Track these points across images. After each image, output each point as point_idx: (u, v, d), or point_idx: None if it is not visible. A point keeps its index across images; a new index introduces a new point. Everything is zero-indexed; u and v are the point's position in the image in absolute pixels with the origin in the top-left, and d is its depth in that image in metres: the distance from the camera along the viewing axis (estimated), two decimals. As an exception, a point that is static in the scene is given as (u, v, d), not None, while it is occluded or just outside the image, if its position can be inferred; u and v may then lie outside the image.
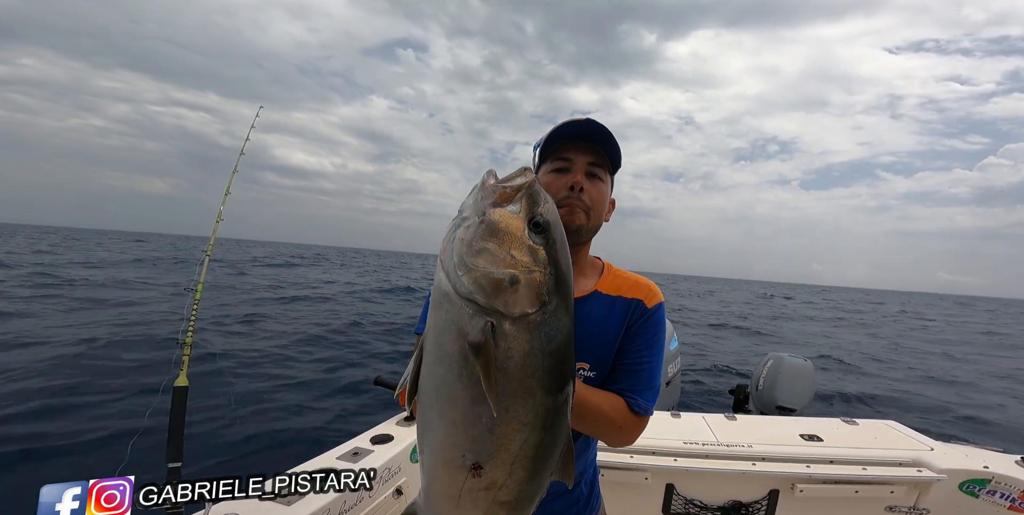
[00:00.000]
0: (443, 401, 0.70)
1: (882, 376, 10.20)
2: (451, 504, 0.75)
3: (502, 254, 0.67)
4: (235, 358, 7.48)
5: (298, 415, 6.18)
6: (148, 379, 6.23)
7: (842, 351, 13.23)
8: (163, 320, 9.87)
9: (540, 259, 0.69)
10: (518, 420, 0.69)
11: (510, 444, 0.70)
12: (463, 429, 0.70)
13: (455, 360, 0.67)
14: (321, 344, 9.20)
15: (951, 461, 2.18)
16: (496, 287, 0.66)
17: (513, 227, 0.69)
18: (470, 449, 0.70)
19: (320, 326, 10.73)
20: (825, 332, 18.88)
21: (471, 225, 0.69)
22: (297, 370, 7.49)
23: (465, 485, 0.72)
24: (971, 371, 11.81)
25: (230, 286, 17.91)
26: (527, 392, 0.68)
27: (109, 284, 16.20)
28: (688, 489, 2.28)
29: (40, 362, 6.47)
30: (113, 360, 6.89)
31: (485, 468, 0.71)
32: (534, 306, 0.68)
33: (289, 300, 15.36)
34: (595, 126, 1.00)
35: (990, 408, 7.91)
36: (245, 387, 6.75)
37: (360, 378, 7.32)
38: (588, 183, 1.02)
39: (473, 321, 0.66)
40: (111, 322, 9.48)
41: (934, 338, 18.97)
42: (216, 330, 9.59)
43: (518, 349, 0.67)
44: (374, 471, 1.06)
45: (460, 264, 0.67)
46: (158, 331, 8.70)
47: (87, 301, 11.99)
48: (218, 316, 10.87)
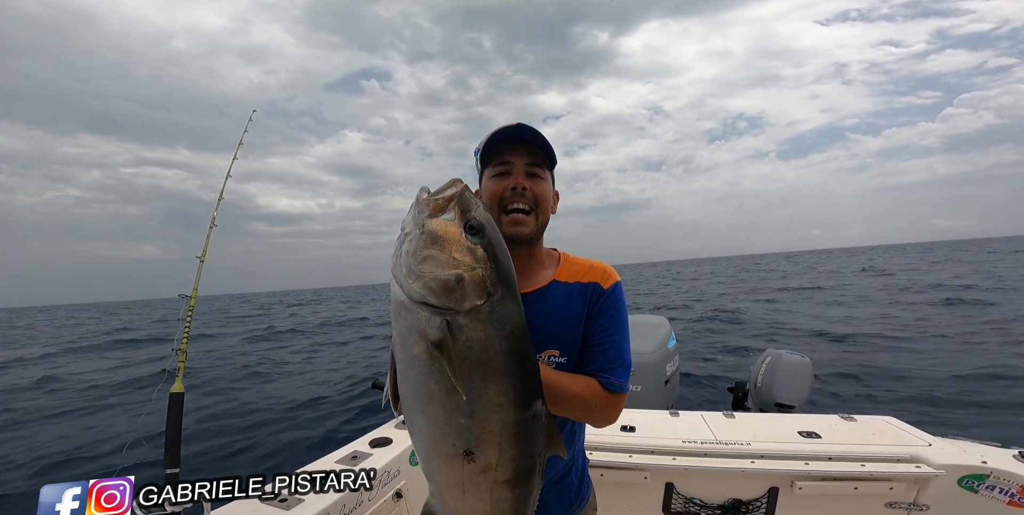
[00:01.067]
0: (422, 400, 0.77)
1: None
2: (458, 493, 0.81)
3: (445, 258, 0.75)
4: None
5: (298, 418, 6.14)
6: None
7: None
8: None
9: (479, 257, 0.77)
10: (492, 402, 0.76)
11: (491, 425, 0.77)
12: (446, 421, 0.76)
13: (423, 360, 0.74)
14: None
15: (949, 456, 2.18)
16: (445, 287, 0.73)
17: (451, 233, 0.76)
18: (458, 437, 0.77)
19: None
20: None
21: (413, 238, 0.77)
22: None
23: (464, 472, 0.79)
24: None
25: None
26: (493, 375, 0.76)
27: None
28: (688, 488, 2.28)
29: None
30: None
31: (476, 453, 0.78)
32: (481, 298, 0.75)
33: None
34: (527, 129, 1.08)
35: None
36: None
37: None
38: (530, 182, 1.10)
39: (430, 322, 0.74)
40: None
41: (826, 299, 18.87)
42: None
43: (476, 338, 0.75)
44: (374, 471, 1.06)
45: (409, 273, 0.75)
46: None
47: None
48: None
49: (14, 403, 8.21)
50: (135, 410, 6.63)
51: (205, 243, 2.46)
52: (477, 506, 0.82)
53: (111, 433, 5.56)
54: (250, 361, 11.62)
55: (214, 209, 2.58)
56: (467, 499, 0.81)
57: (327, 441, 5.22)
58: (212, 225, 2.52)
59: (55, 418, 6.85)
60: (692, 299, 21.86)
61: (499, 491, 0.81)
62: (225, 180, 2.59)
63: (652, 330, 4.21)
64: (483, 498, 0.81)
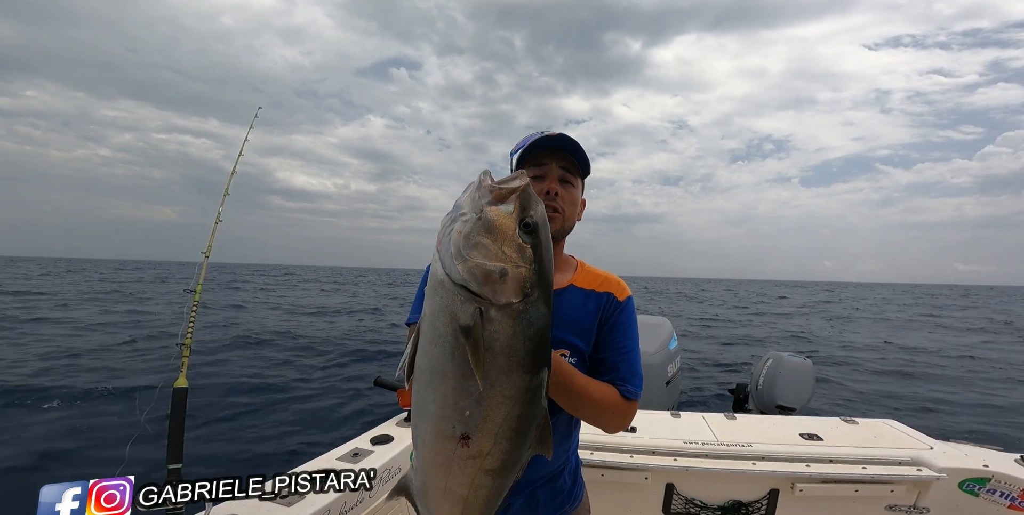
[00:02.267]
0: (436, 377, 0.78)
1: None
2: (442, 472, 0.83)
3: (495, 249, 0.75)
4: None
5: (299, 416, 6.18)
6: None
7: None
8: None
9: (527, 256, 0.77)
10: (502, 394, 0.78)
11: (495, 416, 0.79)
12: (453, 403, 0.78)
13: (447, 341, 0.76)
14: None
15: (951, 460, 2.18)
16: (487, 277, 0.74)
17: (506, 226, 0.76)
18: (459, 421, 0.79)
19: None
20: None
21: (468, 220, 0.76)
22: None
23: (455, 454, 0.81)
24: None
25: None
26: (510, 370, 0.77)
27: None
28: (688, 489, 2.28)
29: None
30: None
31: (473, 438, 0.80)
32: (518, 296, 0.76)
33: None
34: (569, 139, 1.14)
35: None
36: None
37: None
38: (561, 188, 1.15)
39: (464, 306, 0.74)
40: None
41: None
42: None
43: (503, 333, 0.76)
44: (374, 471, 1.06)
45: (456, 254, 0.74)
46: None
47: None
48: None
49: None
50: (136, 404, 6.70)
51: (210, 239, 2.46)
52: (456, 489, 0.84)
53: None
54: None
55: (219, 205, 2.58)
56: (449, 480, 0.84)
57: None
58: (217, 221, 2.52)
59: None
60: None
61: (481, 478, 0.84)
62: (229, 179, 2.58)
63: (654, 330, 4.20)
64: (464, 482, 0.84)
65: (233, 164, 2.64)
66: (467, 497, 0.85)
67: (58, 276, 44.91)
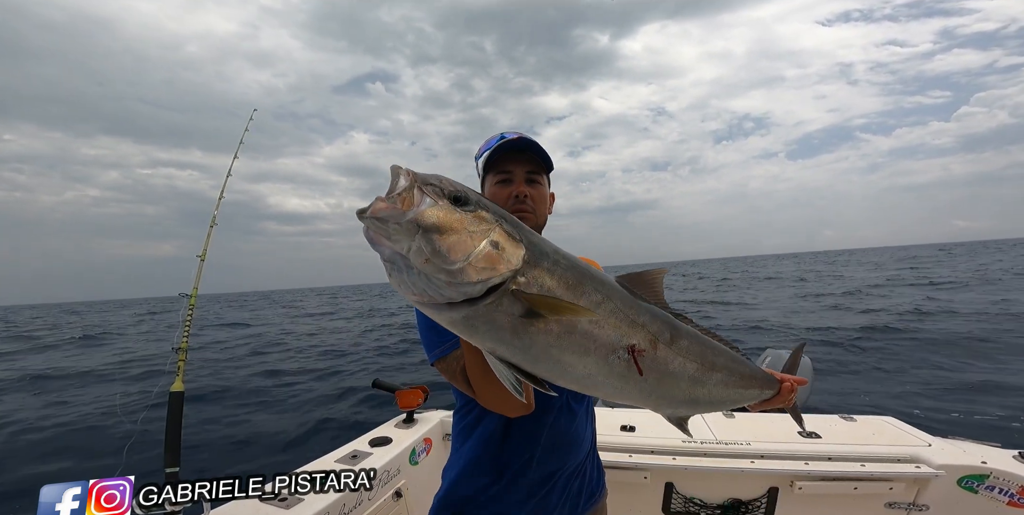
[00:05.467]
0: (575, 348, 0.77)
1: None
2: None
3: (465, 237, 0.69)
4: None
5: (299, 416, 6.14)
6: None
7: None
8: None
9: (489, 218, 0.74)
10: (606, 307, 0.80)
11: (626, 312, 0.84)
12: (603, 342, 0.79)
13: (534, 330, 0.73)
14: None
15: (949, 457, 2.18)
16: (491, 258, 0.70)
17: (446, 215, 0.70)
18: (624, 337, 0.82)
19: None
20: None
21: (416, 248, 0.67)
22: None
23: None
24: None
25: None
26: (574, 288, 0.77)
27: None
28: (688, 488, 2.28)
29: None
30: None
31: (638, 344, 0.84)
32: (521, 248, 0.74)
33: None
34: (527, 141, 1.18)
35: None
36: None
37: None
38: (529, 189, 1.19)
39: (503, 303, 0.70)
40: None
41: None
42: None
43: (548, 284, 0.74)
44: (374, 471, 1.06)
45: (449, 276, 0.67)
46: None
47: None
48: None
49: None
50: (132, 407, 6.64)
51: (206, 242, 2.46)
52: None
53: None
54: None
55: (215, 207, 2.58)
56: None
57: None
58: (212, 224, 2.52)
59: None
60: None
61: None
62: (226, 179, 2.59)
63: None
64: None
65: (219, 193, 2.63)
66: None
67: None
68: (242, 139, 2.85)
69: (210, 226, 2.50)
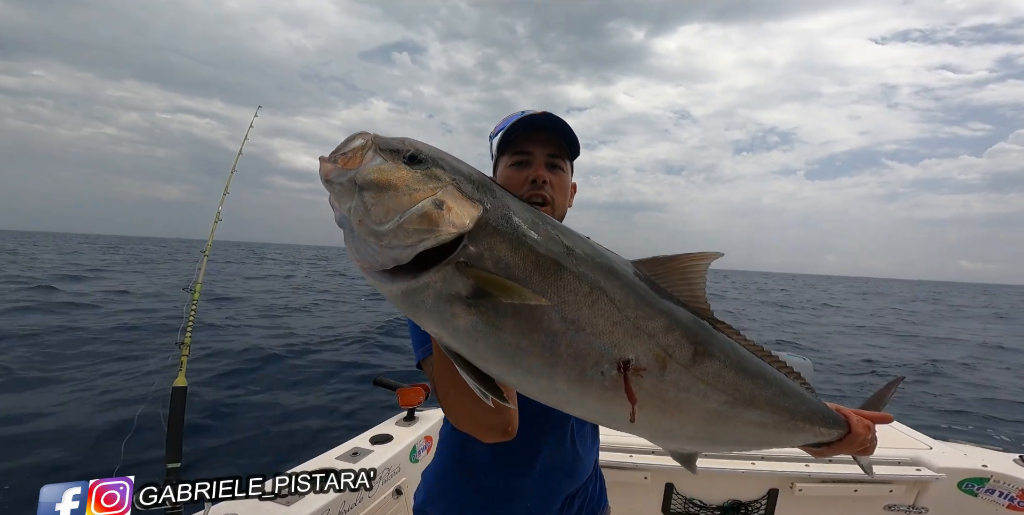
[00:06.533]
0: (519, 355, 0.61)
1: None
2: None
3: (403, 195, 0.59)
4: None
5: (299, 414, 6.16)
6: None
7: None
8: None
9: (443, 177, 0.61)
10: (577, 292, 0.62)
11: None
12: (565, 345, 0.62)
13: (481, 323, 0.58)
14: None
15: (950, 460, 2.18)
16: (428, 218, 0.57)
17: (388, 170, 0.60)
18: (602, 356, 0.64)
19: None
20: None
21: (355, 206, 0.59)
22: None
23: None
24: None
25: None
26: (553, 271, 0.61)
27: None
28: (688, 488, 2.28)
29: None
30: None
31: (632, 358, 0.66)
32: (475, 207, 0.60)
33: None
34: (554, 118, 1.01)
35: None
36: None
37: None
38: (550, 174, 1.02)
39: (447, 279, 0.57)
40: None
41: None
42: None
43: (503, 253, 0.59)
44: (374, 471, 1.06)
45: (379, 238, 0.57)
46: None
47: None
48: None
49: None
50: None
51: (209, 238, 2.46)
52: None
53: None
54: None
55: (219, 204, 2.58)
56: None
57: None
58: (217, 220, 2.52)
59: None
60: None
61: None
62: (228, 179, 2.58)
63: None
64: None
65: (234, 160, 2.64)
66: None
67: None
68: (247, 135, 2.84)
69: (214, 222, 2.50)
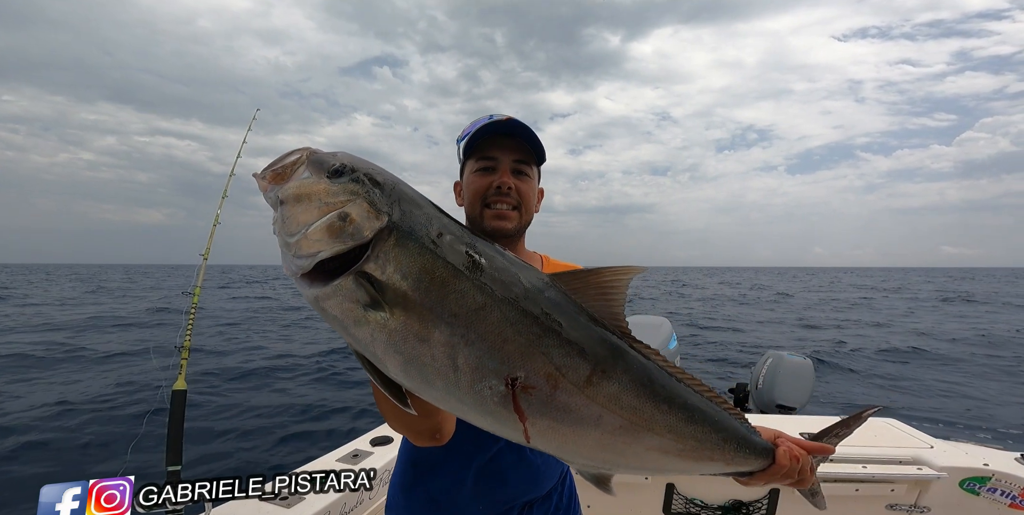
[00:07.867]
0: (426, 365, 0.62)
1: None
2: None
3: (313, 207, 0.62)
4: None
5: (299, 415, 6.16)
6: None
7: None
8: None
9: (355, 189, 0.64)
10: (470, 306, 0.63)
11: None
12: (463, 354, 0.63)
13: (382, 330, 0.61)
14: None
15: (951, 459, 2.17)
16: (331, 229, 0.61)
17: (306, 184, 0.64)
18: (493, 371, 0.64)
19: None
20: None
21: (276, 218, 0.65)
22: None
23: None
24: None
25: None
26: (443, 283, 0.62)
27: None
28: (688, 489, 2.28)
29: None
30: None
31: (520, 373, 0.66)
32: (380, 219, 0.62)
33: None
34: (518, 124, 1.02)
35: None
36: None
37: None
38: (516, 180, 1.04)
39: (350, 288, 0.60)
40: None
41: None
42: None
43: (406, 263, 0.61)
44: (374, 471, 1.06)
45: (286, 248, 0.63)
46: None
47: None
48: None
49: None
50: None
51: (208, 242, 2.47)
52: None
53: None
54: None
55: (218, 207, 2.58)
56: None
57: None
58: (215, 223, 2.52)
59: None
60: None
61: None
62: (227, 181, 2.59)
63: (653, 331, 4.21)
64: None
65: (231, 167, 2.65)
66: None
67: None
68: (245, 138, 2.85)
69: (213, 225, 2.51)
